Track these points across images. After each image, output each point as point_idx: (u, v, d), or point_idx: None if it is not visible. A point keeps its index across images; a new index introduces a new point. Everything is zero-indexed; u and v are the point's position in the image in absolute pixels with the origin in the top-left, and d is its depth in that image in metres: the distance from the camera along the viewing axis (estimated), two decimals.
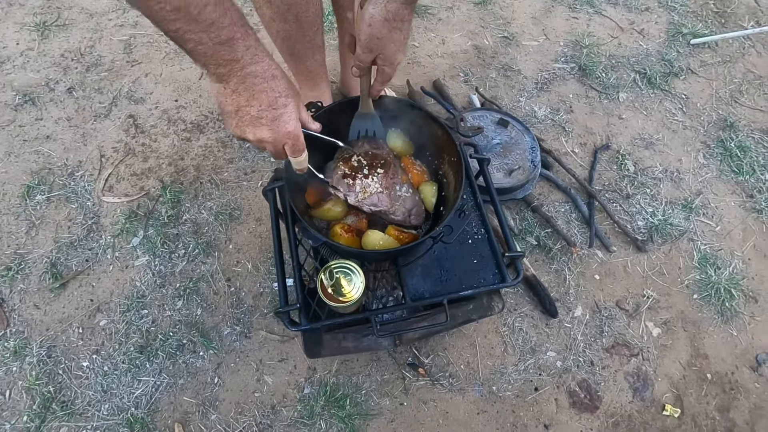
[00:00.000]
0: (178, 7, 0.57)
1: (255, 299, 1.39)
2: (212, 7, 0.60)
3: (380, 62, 0.86)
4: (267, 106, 0.72)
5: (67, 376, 1.27)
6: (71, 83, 1.75)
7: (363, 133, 1.03)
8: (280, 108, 0.73)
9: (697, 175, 1.70)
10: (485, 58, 1.92)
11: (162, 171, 1.58)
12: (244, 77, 0.69)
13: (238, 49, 0.66)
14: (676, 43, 2.03)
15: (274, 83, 0.72)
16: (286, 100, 0.74)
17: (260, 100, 0.72)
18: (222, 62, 0.66)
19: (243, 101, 0.71)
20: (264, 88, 0.71)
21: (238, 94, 0.71)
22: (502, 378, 1.33)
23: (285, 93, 0.74)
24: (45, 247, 1.44)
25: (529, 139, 1.58)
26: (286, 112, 0.75)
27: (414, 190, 1.02)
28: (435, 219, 1.05)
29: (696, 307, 1.46)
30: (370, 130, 1.03)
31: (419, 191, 1.04)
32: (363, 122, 1.02)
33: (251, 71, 0.69)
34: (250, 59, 0.68)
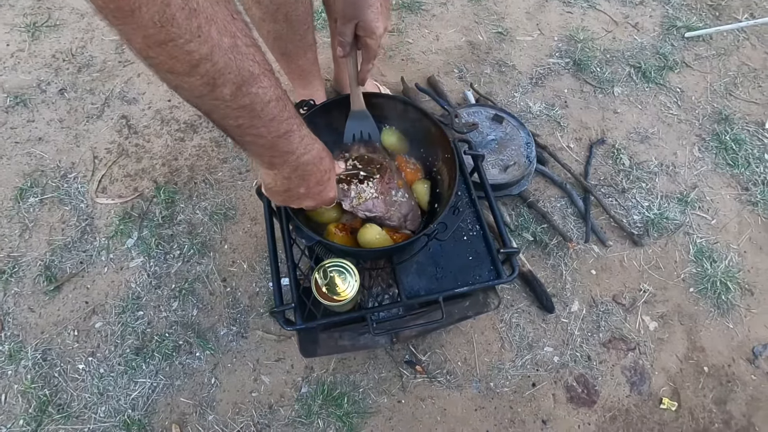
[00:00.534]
0: (245, 105, 0.56)
1: (251, 299, 1.39)
2: (275, 102, 0.59)
3: (361, 33, 0.85)
4: (315, 184, 0.76)
5: (63, 379, 1.26)
6: (63, 84, 1.73)
7: (358, 135, 1.02)
8: (324, 183, 0.77)
9: (693, 168, 1.70)
10: (479, 53, 1.91)
11: (156, 171, 1.57)
12: (297, 166, 0.71)
13: (294, 140, 0.66)
14: (670, 36, 2.02)
15: (321, 164, 0.74)
16: (330, 174, 0.78)
17: (309, 181, 0.75)
18: (277, 154, 0.67)
19: (294, 184, 0.74)
20: (313, 171, 0.74)
21: (290, 180, 0.73)
22: (500, 374, 1.33)
23: (329, 168, 0.77)
24: (39, 249, 1.43)
25: (524, 135, 1.57)
26: (329, 184, 0.79)
27: (410, 195, 1.00)
28: (430, 216, 1.04)
29: (692, 301, 1.47)
30: (365, 131, 1.02)
31: (412, 190, 1.03)
32: (357, 123, 1.02)
33: (304, 161, 0.70)
34: (303, 150, 0.69)
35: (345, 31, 0.86)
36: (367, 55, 0.90)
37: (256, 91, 0.56)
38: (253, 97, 0.56)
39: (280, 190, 0.75)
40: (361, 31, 0.86)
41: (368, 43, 0.88)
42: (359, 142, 1.03)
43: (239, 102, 0.55)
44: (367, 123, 1.02)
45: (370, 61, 0.92)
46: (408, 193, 1.00)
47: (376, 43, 0.87)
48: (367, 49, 0.89)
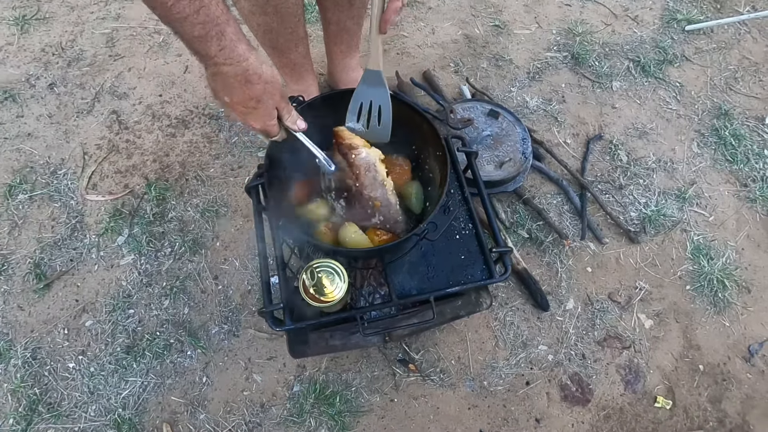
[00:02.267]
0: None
1: (243, 297, 1.37)
2: (186, 2, 0.63)
3: None
4: (237, 103, 0.75)
5: (53, 378, 1.26)
6: (52, 79, 1.71)
7: (366, 107, 0.89)
8: (249, 108, 0.76)
9: (691, 164, 1.68)
10: (476, 47, 1.88)
11: (146, 168, 1.55)
12: (217, 73, 0.72)
13: (211, 47, 0.68)
14: (670, 29, 1.99)
15: (247, 87, 0.74)
16: (257, 104, 0.76)
17: (231, 95, 0.75)
18: (196, 53, 0.70)
19: (218, 88, 0.75)
20: (235, 87, 0.73)
21: (214, 81, 0.74)
22: (494, 373, 1.32)
23: (257, 98, 0.75)
24: (28, 247, 1.41)
25: (520, 131, 1.55)
26: (254, 113, 0.77)
27: (389, 206, 0.95)
28: (422, 215, 1.03)
29: (688, 298, 1.45)
30: (375, 103, 0.88)
31: (401, 193, 1.01)
32: (368, 89, 0.88)
33: (223, 71, 0.71)
34: (222, 60, 0.70)
35: None
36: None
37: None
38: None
39: (211, 87, 0.76)
40: None
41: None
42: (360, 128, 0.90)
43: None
44: (380, 92, 0.88)
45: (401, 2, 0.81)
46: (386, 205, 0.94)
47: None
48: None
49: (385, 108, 0.89)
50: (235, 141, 1.61)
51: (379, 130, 0.93)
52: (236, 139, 1.62)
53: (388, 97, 0.89)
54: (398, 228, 0.95)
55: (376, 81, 0.88)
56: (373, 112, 0.90)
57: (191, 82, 1.72)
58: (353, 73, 1.59)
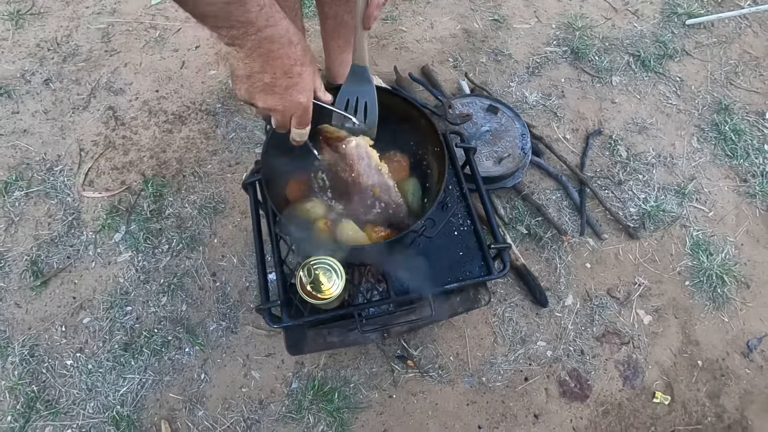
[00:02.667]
0: None
1: (241, 294, 1.37)
2: None
3: None
4: (282, 74, 0.67)
5: (50, 375, 1.25)
6: (48, 74, 1.69)
7: (353, 103, 0.88)
8: (295, 77, 0.69)
9: (691, 159, 1.67)
10: (475, 42, 1.87)
11: (143, 164, 1.54)
12: (260, 42, 0.64)
13: (252, 8, 0.60)
14: (671, 23, 1.98)
15: (290, 49, 0.67)
16: (302, 68, 0.69)
17: (275, 67, 0.67)
18: (234, 24, 0.61)
19: (257, 67, 0.66)
20: (280, 54, 0.66)
21: (252, 60, 0.66)
22: (492, 369, 1.32)
23: (301, 60, 0.68)
24: (25, 244, 1.41)
25: (519, 126, 1.54)
26: (300, 82, 0.70)
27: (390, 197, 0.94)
28: (419, 212, 1.02)
29: (687, 294, 1.45)
30: (361, 99, 0.88)
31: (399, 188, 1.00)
32: (354, 87, 0.87)
33: (267, 35, 0.64)
34: (264, 21, 0.63)
35: None
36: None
37: None
38: None
39: (243, 76, 0.68)
40: None
41: None
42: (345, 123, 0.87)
43: None
44: (367, 89, 0.87)
45: (382, 2, 0.79)
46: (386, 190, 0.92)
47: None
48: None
49: (372, 104, 0.88)
50: (233, 137, 1.60)
51: (365, 128, 0.91)
52: (233, 135, 1.61)
53: (375, 94, 0.87)
54: (401, 212, 0.93)
55: (363, 77, 0.86)
56: (359, 109, 0.88)
57: (188, 77, 1.71)
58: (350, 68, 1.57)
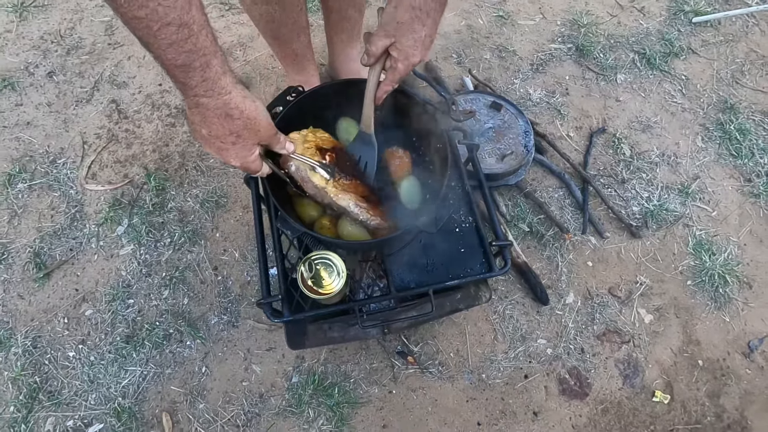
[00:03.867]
0: (139, 17, 0.55)
1: (242, 288, 1.37)
2: (176, 28, 0.58)
3: (394, 53, 0.81)
4: (215, 137, 0.72)
5: (53, 366, 1.26)
6: (51, 67, 1.69)
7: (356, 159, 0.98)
8: (227, 144, 0.73)
9: (695, 158, 1.66)
10: (479, 38, 1.86)
11: (146, 158, 1.54)
12: (197, 104, 0.68)
13: (194, 78, 0.64)
14: (677, 21, 1.96)
15: (226, 122, 0.70)
16: (237, 139, 0.73)
17: (210, 128, 0.71)
18: (177, 82, 0.65)
19: (196, 120, 0.71)
20: (213, 122, 0.70)
21: (192, 114, 0.71)
22: (492, 366, 1.32)
23: (237, 133, 0.72)
24: (28, 236, 1.41)
25: (522, 123, 1.54)
26: (232, 149, 0.74)
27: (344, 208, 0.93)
28: (419, 209, 1.01)
29: (689, 294, 1.45)
30: (363, 159, 0.98)
31: (399, 187, 1.00)
32: (359, 147, 0.98)
33: (203, 103, 0.67)
34: (203, 92, 0.66)
35: (377, 44, 0.81)
36: (393, 76, 0.85)
37: (155, 7, 0.54)
38: (149, 11, 0.55)
39: (189, 119, 0.73)
40: (395, 52, 0.81)
41: (398, 67, 0.83)
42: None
43: (133, 11, 0.55)
44: (370, 152, 0.97)
45: (394, 83, 0.87)
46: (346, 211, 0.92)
47: (406, 70, 0.83)
48: (393, 72, 0.84)
49: (371, 165, 0.98)
50: None
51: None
52: None
53: (375, 157, 0.97)
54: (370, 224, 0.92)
55: (368, 142, 0.96)
56: (360, 164, 0.98)
57: None
58: (354, 63, 1.57)
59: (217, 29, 1.80)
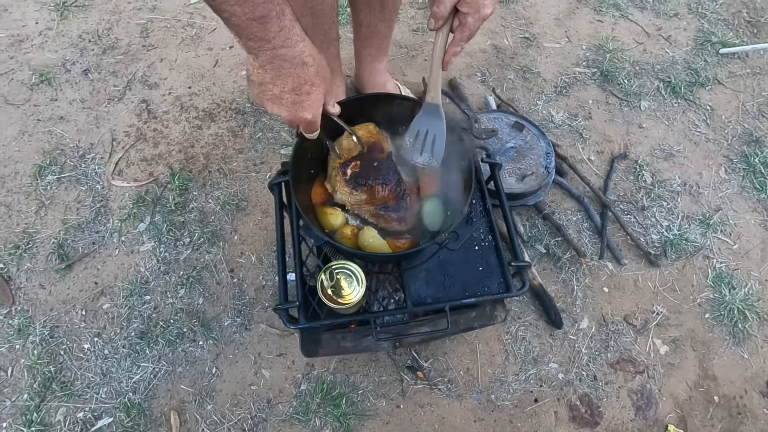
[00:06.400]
0: None
1: (257, 292, 1.39)
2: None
3: (464, 9, 0.76)
4: (290, 90, 0.72)
5: (68, 357, 1.28)
6: (87, 65, 1.75)
7: (422, 134, 0.95)
8: (302, 95, 0.73)
9: (717, 190, 1.64)
10: (504, 58, 1.87)
11: (172, 158, 1.58)
12: (273, 58, 0.68)
13: (271, 28, 0.65)
14: (704, 51, 1.96)
15: (302, 70, 0.71)
16: (311, 88, 0.73)
17: (285, 82, 0.71)
18: (253, 38, 0.66)
19: (268, 78, 0.71)
20: (290, 73, 0.70)
21: (265, 71, 0.70)
22: (502, 387, 1.31)
23: (311, 81, 0.73)
24: (53, 227, 1.45)
25: (544, 145, 1.54)
26: (307, 100, 0.74)
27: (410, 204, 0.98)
28: (443, 223, 1.02)
29: (707, 327, 1.42)
30: (430, 133, 0.94)
31: (422, 206, 1.01)
32: (426, 119, 0.93)
33: (280, 54, 0.68)
34: (281, 42, 0.67)
35: (445, 2, 0.77)
36: (461, 35, 0.80)
37: None
38: None
39: (255, 82, 0.73)
40: (465, 7, 0.76)
41: (468, 22, 0.78)
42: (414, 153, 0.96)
43: None
44: (438, 125, 0.92)
45: (463, 42, 0.82)
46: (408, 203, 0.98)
47: (477, 24, 0.78)
48: (463, 29, 0.79)
49: (440, 139, 0.93)
50: (259, 137, 1.63)
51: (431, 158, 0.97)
52: (260, 134, 1.63)
53: (444, 130, 0.92)
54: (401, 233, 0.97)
55: (435, 113, 0.92)
56: (427, 141, 0.94)
57: (220, 76, 1.75)
58: (380, 76, 1.60)
59: None
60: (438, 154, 0.95)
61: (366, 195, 0.98)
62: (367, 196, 0.98)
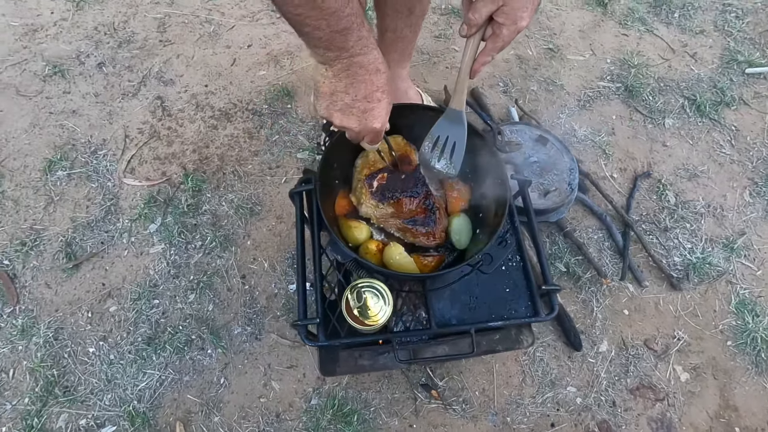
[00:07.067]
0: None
1: (269, 300, 1.34)
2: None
3: (500, 19, 0.74)
4: (362, 98, 0.72)
5: (72, 361, 1.24)
6: (102, 58, 1.71)
7: (443, 140, 0.92)
8: (374, 102, 0.73)
9: (742, 213, 1.61)
10: (527, 69, 1.83)
11: (185, 158, 1.54)
12: (349, 65, 0.69)
13: (351, 38, 0.66)
14: (729, 70, 1.92)
15: (376, 77, 0.71)
16: (382, 95, 0.73)
17: (358, 90, 0.71)
18: (333, 48, 0.67)
19: (341, 87, 0.71)
20: (365, 79, 0.71)
21: (338, 80, 0.71)
22: (518, 409, 1.27)
23: (382, 88, 0.73)
24: (62, 225, 1.41)
25: (568, 160, 1.50)
26: (377, 108, 0.74)
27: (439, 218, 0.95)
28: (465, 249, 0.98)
29: (729, 355, 1.38)
30: (451, 139, 0.91)
31: (450, 223, 0.97)
32: (448, 125, 0.90)
33: (357, 61, 0.69)
34: (359, 50, 0.68)
35: (481, 10, 0.74)
36: (494, 45, 0.78)
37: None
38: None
39: (326, 93, 0.73)
40: (501, 17, 0.74)
41: (502, 33, 0.75)
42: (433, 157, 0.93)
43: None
44: (459, 131, 0.90)
45: (494, 53, 0.80)
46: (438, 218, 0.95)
47: (512, 36, 0.77)
48: (496, 39, 0.77)
49: (460, 146, 0.91)
50: (276, 139, 1.59)
51: (449, 165, 0.95)
52: (277, 137, 1.60)
53: (464, 137, 0.90)
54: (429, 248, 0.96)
55: (457, 119, 0.90)
56: (447, 148, 0.92)
57: (237, 75, 1.71)
58: (402, 83, 1.56)
59: (267, 36, 1.81)
60: (457, 161, 0.93)
61: (392, 208, 0.95)
62: (393, 210, 0.95)
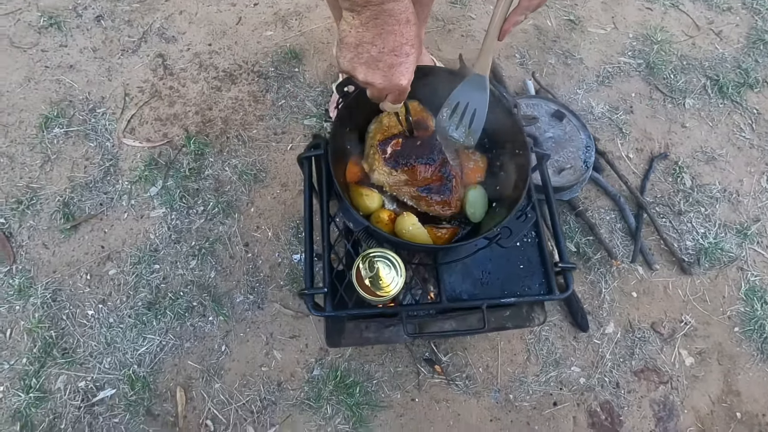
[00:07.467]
0: None
1: (272, 269, 1.31)
2: None
3: None
4: (390, 51, 0.66)
5: (70, 323, 1.22)
6: (100, 11, 1.62)
7: (462, 106, 0.87)
8: (401, 56, 0.67)
9: (758, 199, 1.57)
10: (546, 41, 1.75)
11: (188, 119, 1.48)
12: (379, 13, 0.64)
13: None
14: (755, 51, 1.84)
15: (405, 28, 0.65)
16: (410, 49, 0.67)
17: (386, 41, 0.65)
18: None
19: (368, 38, 0.66)
20: (394, 30, 0.65)
21: (366, 29, 0.65)
22: (521, 387, 1.26)
23: (412, 42, 0.67)
24: (59, 184, 1.36)
25: (584, 137, 1.45)
26: (405, 62, 0.68)
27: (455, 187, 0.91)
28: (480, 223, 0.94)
29: (735, 341, 1.37)
30: (471, 105, 0.86)
31: (465, 194, 0.93)
32: (470, 90, 0.85)
33: (387, 9, 0.63)
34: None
35: None
36: (530, 2, 0.75)
37: None
38: None
39: (351, 44, 0.67)
40: None
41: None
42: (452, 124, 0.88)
43: None
44: (481, 98, 0.85)
45: (528, 11, 0.77)
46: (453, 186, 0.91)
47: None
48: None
49: (480, 113, 0.86)
50: (282, 104, 1.53)
51: (467, 134, 0.90)
52: (283, 102, 1.53)
53: (486, 104, 0.85)
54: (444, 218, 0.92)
55: (481, 85, 0.84)
56: (466, 116, 0.87)
57: (243, 35, 1.63)
58: None
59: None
60: (476, 131, 0.88)
61: (406, 176, 0.91)
62: (407, 177, 0.90)
